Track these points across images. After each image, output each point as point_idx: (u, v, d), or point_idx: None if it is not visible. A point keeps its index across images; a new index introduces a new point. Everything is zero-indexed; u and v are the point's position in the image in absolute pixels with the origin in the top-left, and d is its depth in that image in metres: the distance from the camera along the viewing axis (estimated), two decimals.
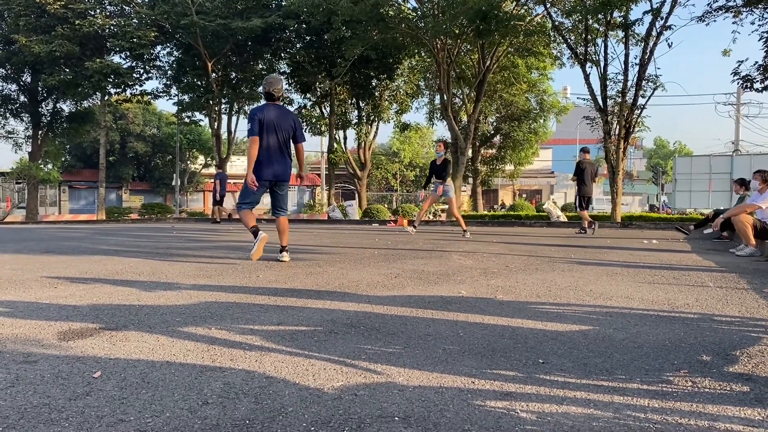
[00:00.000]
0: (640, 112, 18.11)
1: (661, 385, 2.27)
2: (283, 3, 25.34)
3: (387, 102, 29.51)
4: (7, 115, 29.69)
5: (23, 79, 29.17)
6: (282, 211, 6.52)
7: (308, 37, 26.29)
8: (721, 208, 14.57)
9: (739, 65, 17.22)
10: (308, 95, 28.76)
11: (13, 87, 29.53)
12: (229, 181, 23.44)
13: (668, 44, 18.02)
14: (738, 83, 17.58)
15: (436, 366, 2.50)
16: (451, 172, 11.33)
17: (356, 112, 29.67)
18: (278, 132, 6.13)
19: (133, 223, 22.50)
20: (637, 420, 1.92)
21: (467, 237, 10.81)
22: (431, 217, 23.38)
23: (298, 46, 27.13)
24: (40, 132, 30.12)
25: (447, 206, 14.44)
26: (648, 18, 17.08)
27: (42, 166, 31.65)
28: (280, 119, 6.16)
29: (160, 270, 5.67)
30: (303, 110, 29.19)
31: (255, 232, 6.31)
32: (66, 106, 30.94)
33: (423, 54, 25.29)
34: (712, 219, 10.29)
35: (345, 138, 30.02)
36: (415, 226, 11.87)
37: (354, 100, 29.06)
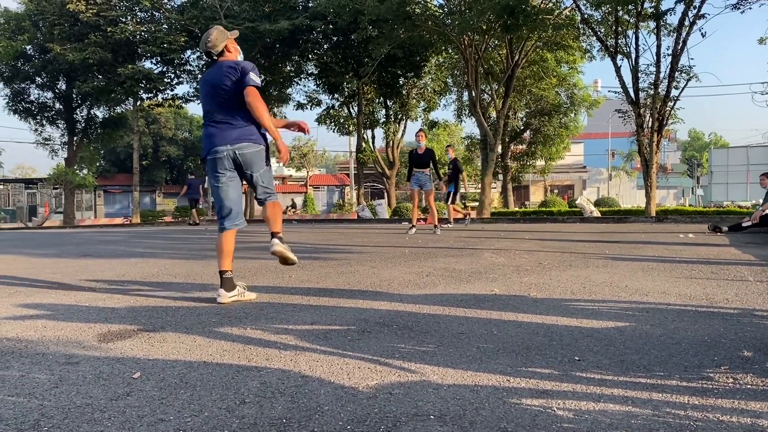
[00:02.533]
0: (674, 104, 17.78)
1: (701, 381, 2.23)
2: (310, 4, 25.48)
3: (414, 100, 29.47)
4: (44, 122, 30.42)
5: (58, 86, 29.85)
6: (262, 197, 4.33)
7: (335, 38, 26.40)
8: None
9: None
10: (336, 95, 28.89)
11: (49, 95, 30.24)
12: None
13: (702, 34, 17.67)
14: None
15: (470, 364, 2.50)
16: (436, 164, 11.23)
17: (384, 111, 29.70)
18: (213, 93, 4.15)
19: (167, 225, 22.87)
20: (676, 417, 1.89)
21: (437, 233, 10.95)
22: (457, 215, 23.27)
23: (325, 46, 27.26)
24: (75, 138, 30.80)
25: (455, 203, 14.60)
26: (680, 7, 16.76)
27: (78, 171, 32.33)
28: (213, 77, 4.19)
29: (194, 271, 5.76)
30: (331, 110, 29.32)
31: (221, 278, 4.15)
32: (100, 112, 31.59)
33: (450, 51, 25.17)
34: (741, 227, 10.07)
35: (373, 137, 30.10)
36: (414, 225, 11.64)
37: (381, 99, 29.09)
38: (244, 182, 4.34)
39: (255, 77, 4.07)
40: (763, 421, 1.85)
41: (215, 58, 4.28)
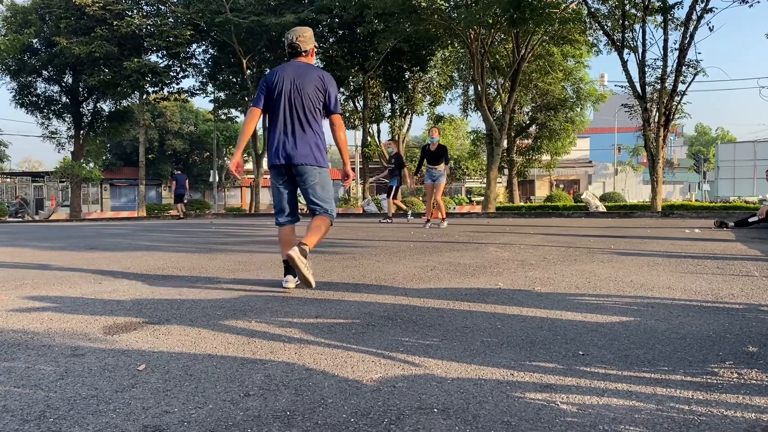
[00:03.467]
0: (680, 99, 17.68)
1: (705, 376, 2.23)
2: None
3: (420, 94, 29.44)
4: (51, 116, 30.56)
5: (65, 80, 29.96)
6: (317, 207, 4.28)
7: (341, 32, 26.39)
8: None
9: None
10: (341, 89, 28.86)
11: (56, 88, 30.37)
12: (265, 176, 24.01)
13: (709, 28, 17.53)
14: None
15: (474, 358, 2.50)
16: (449, 159, 11.31)
17: (389, 105, 29.67)
18: (294, 97, 4.16)
19: (173, 219, 22.93)
20: (681, 412, 1.88)
21: (443, 226, 10.97)
22: (462, 209, 23.23)
23: (331, 40, 27.25)
24: (81, 132, 30.92)
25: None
26: (688, 1, 16.70)
27: (84, 164, 32.48)
28: (297, 79, 4.17)
29: (200, 265, 5.78)
30: None
31: (285, 267, 4.37)
32: (106, 106, 31.72)
33: (456, 45, 25.10)
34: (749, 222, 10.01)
35: (379, 131, 30.08)
36: (428, 219, 11.69)
37: (387, 93, 29.06)
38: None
39: (338, 101, 4.31)
40: (767, 416, 1.85)
41: (299, 53, 4.31)
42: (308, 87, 4.15)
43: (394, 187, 14.23)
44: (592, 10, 18.68)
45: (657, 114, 17.59)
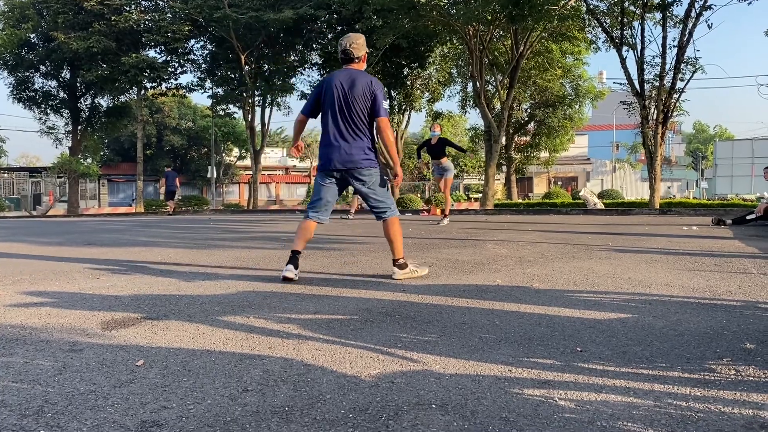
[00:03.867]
0: (679, 96, 17.70)
1: (703, 373, 2.23)
2: None
3: (419, 91, 29.38)
4: (48, 111, 30.48)
5: (62, 75, 29.88)
6: (381, 210, 4.53)
7: (339, 27, 26.29)
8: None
9: None
10: None
11: (53, 83, 30.28)
12: (263, 173, 24.12)
13: (708, 25, 17.52)
14: None
15: (472, 354, 2.50)
16: (454, 144, 11.49)
17: (388, 101, 29.57)
18: (345, 103, 4.36)
19: (171, 215, 22.91)
20: (678, 408, 1.89)
21: (444, 223, 11.01)
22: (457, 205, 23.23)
23: (329, 36, 27.17)
24: (79, 127, 30.86)
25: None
26: None
27: (82, 160, 32.43)
28: (348, 85, 4.36)
29: (198, 260, 5.78)
30: None
31: (291, 256, 4.49)
32: (104, 101, 31.65)
33: (455, 41, 25.07)
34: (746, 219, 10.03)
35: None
36: (446, 215, 11.85)
37: (386, 89, 29.01)
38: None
39: (386, 105, 4.47)
40: (765, 413, 1.85)
41: (352, 60, 4.48)
42: (358, 92, 4.35)
43: None
44: (591, 6, 18.67)
45: (655, 111, 17.61)
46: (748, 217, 10.07)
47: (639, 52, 17.60)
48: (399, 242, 4.49)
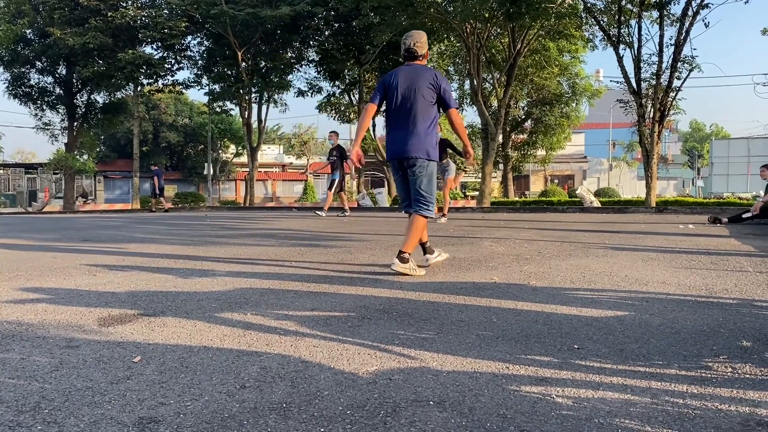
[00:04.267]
0: (675, 95, 17.72)
1: (699, 370, 2.24)
2: None
3: None
4: (44, 107, 30.32)
5: (58, 71, 29.74)
6: (415, 206, 4.65)
7: (337, 24, 26.27)
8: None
9: None
10: (337, 83, 28.79)
11: (49, 79, 30.12)
12: (260, 170, 24.15)
13: (705, 24, 17.58)
14: None
15: (469, 351, 2.50)
16: (454, 147, 11.49)
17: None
18: (408, 97, 4.54)
19: (167, 212, 22.86)
20: (675, 406, 1.89)
21: (442, 221, 11.07)
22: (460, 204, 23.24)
23: (326, 33, 27.14)
24: (75, 123, 30.72)
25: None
26: None
27: (78, 156, 32.28)
28: (412, 80, 4.54)
29: (195, 257, 5.77)
30: (332, 98, 29.22)
31: (423, 248, 4.93)
32: (100, 98, 31.49)
33: (452, 39, 25.04)
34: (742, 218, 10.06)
35: (374, 126, 29.98)
36: (444, 214, 11.87)
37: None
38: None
39: (454, 95, 4.69)
40: (761, 410, 1.86)
41: (416, 57, 4.69)
42: (423, 87, 4.54)
43: (336, 180, 13.94)
44: (588, 5, 18.67)
45: (652, 110, 17.63)
46: (744, 216, 10.10)
47: (636, 51, 17.63)
48: (414, 239, 4.60)
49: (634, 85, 17.63)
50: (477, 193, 25.11)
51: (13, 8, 26.66)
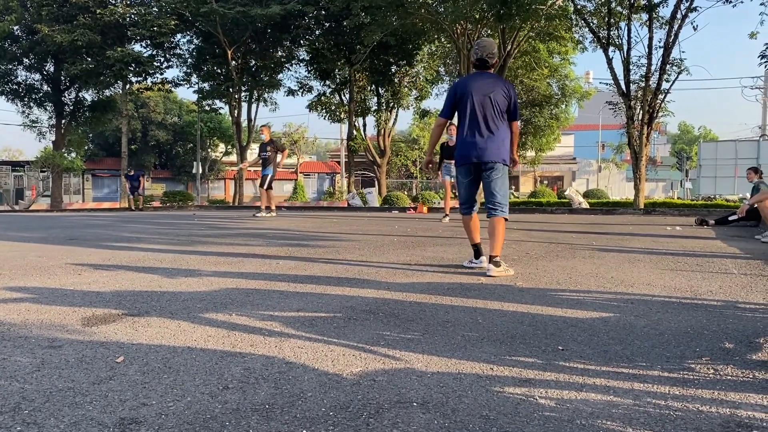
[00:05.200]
0: (664, 97, 17.84)
1: (682, 372, 2.25)
2: None
3: (406, 88, 29.39)
4: (32, 104, 30.08)
5: (46, 68, 29.51)
6: (493, 208, 4.81)
7: (327, 24, 26.24)
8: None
9: (767, 48, 16.83)
10: (327, 82, 28.76)
11: (37, 77, 29.89)
12: (249, 169, 24.14)
13: (693, 27, 17.73)
14: (766, 66, 17.19)
15: (454, 352, 2.51)
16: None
17: (375, 98, 29.61)
18: (484, 104, 4.70)
19: (155, 210, 22.74)
20: (657, 407, 1.90)
21: (446, 221, 11.12)
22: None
23: (317, 32, 27.10)
24: (63, 121, 30.49)
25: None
26: (673, 0, 16.77)
27: (65, 154, 32.04)
28: (487, 88, 4.71)
29: (181, 257, 5.74)
30: (322, 97, 29.19)
31: (476, 251, 5.05)
32: (88, 95, 31.27)
33: (443, 39, 25.09)
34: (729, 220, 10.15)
35: (364, 125, 30.00)
36: (447, 213, 11.84)
37: (373, 86, 28.98)
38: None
39: (518, 109, 4.98)
40: (742, 412, 1.87)
41: (488, 67, 4.83)
42: (497, 95, 4.72)
43: (268, 177, 13.17)
44: (579, 7, 18.75)
45: (641, 112, 17.73)
46: (730, 218, 10.18)
47: (625, 53, 17.72)
48: (500, 241, 4.70)
49: (624, 87, 17.73)
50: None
51: (0, 5, 26.42)
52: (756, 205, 7.97)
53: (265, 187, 13.32)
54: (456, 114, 4.88)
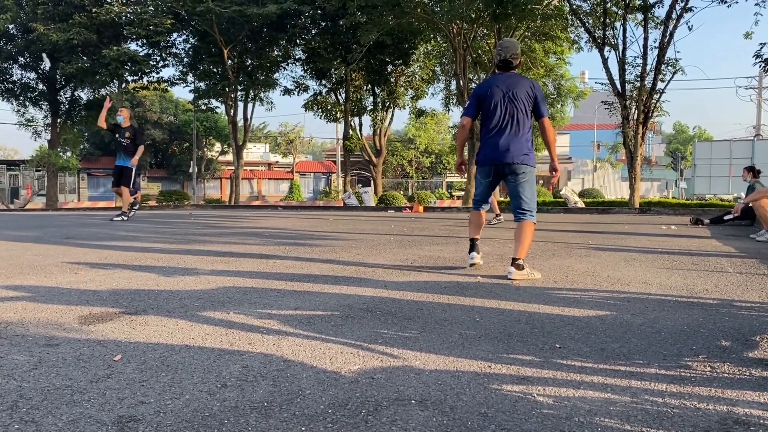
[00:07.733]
0: (659, 97, 17.87)
1: (679, 370, 2.26)
2: None
3: (402, 88, 29.38)
4: (27, 103, 29.95)
5: (41, 67, 29.38)
6: (521, 212, 4.64)
7: (323, 23, 26.21)
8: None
9: (762, 48, 16.85)
10: (323, 82, 28.72)
11: (32, 75, 29.76)
12: (245, 168, 24.07)
13: (688, 27, 17.71)
14: (760, 66, 17.23)
15: (452, 350, 2.51)
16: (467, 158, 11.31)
17: (372, 98, 29.57)
18: (508, 104, 4.63)
19: (152, 209, 22.69)
20: (654, 404, 1.91)
21: (501, 220, 10.64)
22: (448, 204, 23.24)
23: (313, 32, 27.06)
24: (58, 120, 30.37)
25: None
26: (668, 0, 16.82)
27: (61, 153, 31.94)
28: (510, 88, 4.63)
29: (178, 255, 5.73)
30: (318, 97, 29.16)
31: (471, 245, 4.95)
32: (84, 94, 31.13)
33: (439, 39, 25.09)
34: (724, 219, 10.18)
35: (360, 125, 29.97)
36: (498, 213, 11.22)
37: (369, 86, 28.95)
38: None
39: (546, 106, 4.86)
40: (738, 409, 1.88)
41: (512, 68, 4.79)
42: (521, 95, 4.64)
43: (133, 171, 11.08)
44: (574, 7, 18.78)
45: (636, 111, 17.77)
46: (725, 217, 10.21)
47: (621, 53, 17.75)
48: (526, 245, 4.54)
49: (619, 87, 17.76)
50: (463, 193, 25.16)
51: None
52: (751, 204, 8.00)
53: (128, 184, 11.18)
54: (480, 114, 4.83)
